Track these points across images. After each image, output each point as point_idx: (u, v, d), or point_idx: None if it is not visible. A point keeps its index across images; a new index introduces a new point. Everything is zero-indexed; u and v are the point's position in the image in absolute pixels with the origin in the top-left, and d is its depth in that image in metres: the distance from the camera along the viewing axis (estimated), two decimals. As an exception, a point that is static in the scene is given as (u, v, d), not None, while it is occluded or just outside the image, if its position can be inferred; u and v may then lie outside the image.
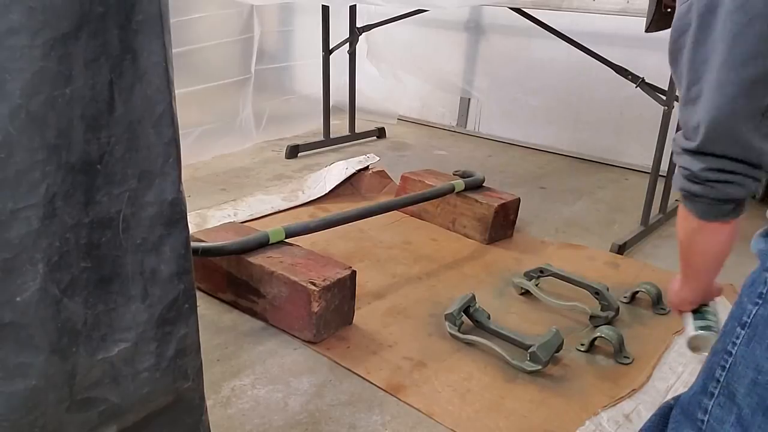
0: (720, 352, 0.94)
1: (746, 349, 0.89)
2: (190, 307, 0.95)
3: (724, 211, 1.19)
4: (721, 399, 0.93)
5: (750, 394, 0.88)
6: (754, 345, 0.89)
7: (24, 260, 0.74)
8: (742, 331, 0.90)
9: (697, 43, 1.10)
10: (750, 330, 0.89)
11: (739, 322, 0.91)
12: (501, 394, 1.69)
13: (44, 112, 0.72)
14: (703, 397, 0.95)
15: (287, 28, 4.13)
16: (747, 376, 0.89)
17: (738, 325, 0.91)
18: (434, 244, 2.58)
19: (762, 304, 0.88)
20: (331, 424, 1.57)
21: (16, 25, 0.68)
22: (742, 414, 0.89)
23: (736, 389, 0.90)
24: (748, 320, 0.90)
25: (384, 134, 4.13)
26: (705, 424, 0.95)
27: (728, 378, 0.92)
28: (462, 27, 4.21)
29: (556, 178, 3.43)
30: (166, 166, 0.86)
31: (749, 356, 0.89)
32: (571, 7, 2.76)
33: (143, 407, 0.92)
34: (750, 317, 0.90)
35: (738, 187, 1.15)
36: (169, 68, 0.84)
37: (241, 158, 3.56)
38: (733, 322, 0.93)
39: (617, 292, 2.19)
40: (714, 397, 0.94)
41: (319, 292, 1.81)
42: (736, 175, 1.14)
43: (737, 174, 1.14)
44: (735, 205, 1.18)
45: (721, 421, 0.92)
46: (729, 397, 0.92)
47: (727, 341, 0.93)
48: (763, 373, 0.87)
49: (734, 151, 1.14)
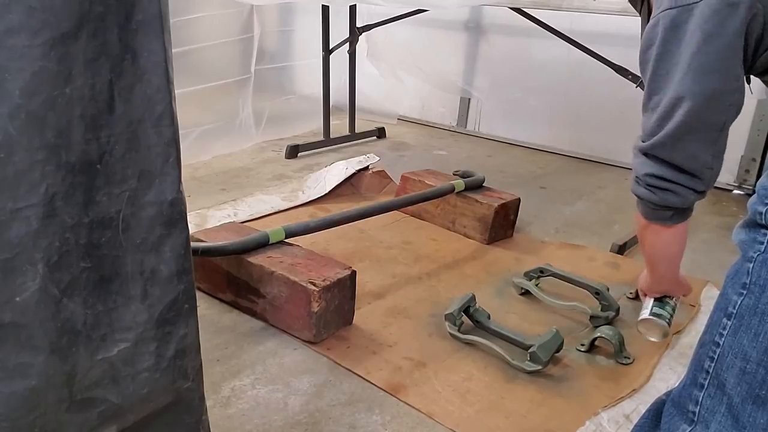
0: (708, 343, 0.95)
1: (733, 339, 0.91)
2: (190, 307, 0.95)
3: (664, 216, 1.28)
4: (711, 390, 0.94)
5: (739, 383, 0.90)
6: (740, 335, 0.90)
7: (24, 260, 0.74)
8: (729, 322, 0.92)
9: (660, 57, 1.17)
10: (736, 320, 0.91)
11: (725, 313, 0.93)
12: (501, 394, 1.69)
13: (44, 112, 0.72)
14: (693, 389, 0.97)
15: (287, 28, 4.13)
16: (735, 365, 0.90)
17: (724, 315, 0.93)
18: (434, 244, 2.58)
19: (746, 294, 0.90)
20: (331, 424, 1.57)
21: (16, 25, 0.68)
22: (732, 403, 0.91)
23: (725, 379, 0.92)
24: (734, 311, 0.91)
25: (384, 134, 4.13)
26: (697, 415, 0.96)
27: (717, 368, 0.93)
28: (462, 27, 4.21)
29: (556, 178, 3.43)
30: (166, 166, 0.86)
31: (737, 346, 0.91)
32: (571, 7, 2.77)
33: (143, 407, 0.92)
34: (735, 308, 0.91)
35: (676, 196, 1.23)
36: (169, 68, 0.84)
37: (241, 158, 3.56)
38: (719, 314, 0.94)
39: (617, 292, 2.19)
40: (704, 388, 0.95)
41: (319, 292, 1.81)
42: (676, 185, 1.22)
43: (677, 184, 1.21)
44: (674, 212, 1.27)
45: (712, 411, 0.94)
46: (719, 387, 0.93)
47: (714, 332, 0.94)
48: (750, 362, 0.89)
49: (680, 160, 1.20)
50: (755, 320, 0.88)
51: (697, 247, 2.59)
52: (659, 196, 1.24)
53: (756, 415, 0.89)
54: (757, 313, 0.88)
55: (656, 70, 1.19)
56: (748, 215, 0.93)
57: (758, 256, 0.89)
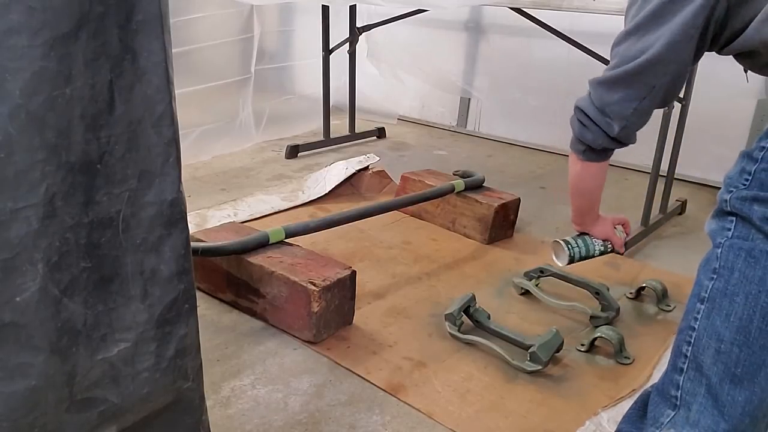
0: (685, 329, 0.99)
1: (707, 321, 0.95)
2: (190, 307, 0.95)
3: (578, 149, 1.46)
4: (690, 373, 0.97)
5: (715, 363, 0.94)
6: (713, 317, 0.94)
7: (24, 260, 0.74)
8: (702, 306, 0.96)
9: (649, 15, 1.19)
10: (708, 304, 0.95)
11: (698, 298, 0.97)
12: (501, 394, 1.69)
13: (44, 112, 0.72)
14: (674, 374, 1.00)
15: (287, 28, 4.13)
16: (711, 347, 0.94)
17: (698, 301, 0.97)
18: (434, 244, 2.58)
19: (716, 278, 0.94)
20: (331, 424, 1.57)
21: (16, 25, 0.68)
22: (711, 384, 0.94)
23: (702, 361, 0.95)
24: (706, 295, 0.96)
25: (384, 134, 4.13)
26: (679, 399, 0.99)
27: (694, 351, 0.97)
28: (462, 27, 4.20)
29: (556, 178, 3.43)
30: (166, 166, 0.86)
31: (710, 328, 0.95)
32: (571, 7, 2.76)
33: (143, 407, 0.92)
34: (707, 292, 0.95)
35: (590, 134, 1.38)
36: (169, 68, 0.84)
37: (241, 158, 3.56)
38: (693, 300, 0.98)
39: (617, 292, 2.19)
40: (684, 372, 0.98)
41: (319, 292, 1.80)
42: (593, 124, 1.36)
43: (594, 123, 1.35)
44: (586, 149, 1.43)
45: (693, 393, 0.97)
46: (697, 369, 0.96)
47: (689, 318, 0.98)
48: (724, 342, 0.93)
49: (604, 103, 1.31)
50: (726, 301, 0.92)
51: (696, 248, 2.59)
52: (578, 129, 1.41)
53: (734, 393, 0.92)
54: (727, 294, 0.92)
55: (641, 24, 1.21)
56: (716, 205, 0.98)
57: (725, 241, 0.94)
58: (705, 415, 0.94)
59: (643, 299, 2.21)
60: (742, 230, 0.92)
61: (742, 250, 0.91)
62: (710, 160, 3.30)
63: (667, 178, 2.83)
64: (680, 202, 3.01)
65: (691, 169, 3.33)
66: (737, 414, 0.92)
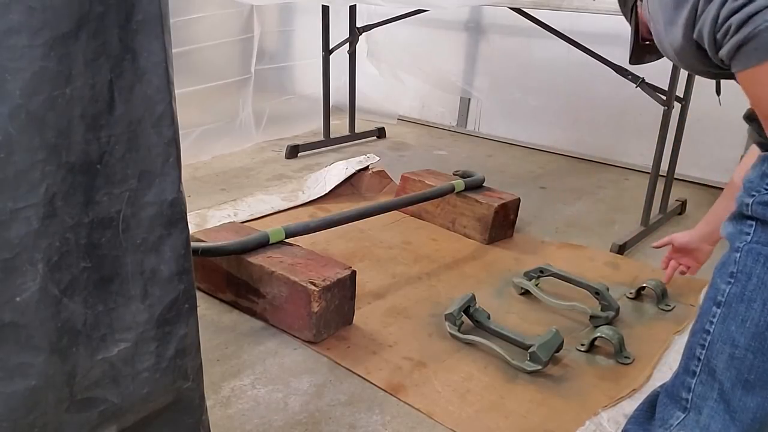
0: (699, 331, 0.98)
1: (722, 326, 0.94)
2: (190, 307, 0.95)
3: None
4: (702, 376, 0.97)
5: (729, 368, 0.93)
6: (729, 322, 0.93)
7: (24, 260, 0.74)
8: (718, 310, 0.95)
9: None
10: (725, 308, 0.94)
11: (714, 301, 0.96)
12: (501, 394, 1.69)
13: (44, 112, 0.72)
14: (686, 377, 0.99)
15: (287, 28, 4.13)
16: (725, 351, 0.94)
17: (713, 304, 0.96)
18: (434, 244, 2.58)
19: (734, 282, 0.93)
20: (331, 424, 1.57)
21: (16, 25, 0.68)
22: (723, 389, 0.94)
23: (715, 365, 0.95)
24: (722, 299, 0.95)
25: (384, 134, 4.13)
26: (689, 402, 0.98)
27: (708, 355, 0.96)
28: (462, 27, 4.20)
29: (556, 178, 3.43)
30: (166, 166, 0.86)
31: (725, 333, 0.94)
32: (571, 7, 2.76)
33: (143, 407, 0.92)
34: (724, 296, 0.94)
35: None
36: (169, 68, 0.84)
37: (241, 158, 3.56)
38: (708, 303, 0.97)
39: (617, 292, 2.19)
40: (696, 375, 0.98)
41: (319, 292, 1.81)
42: None
43: None
44: None
45: (704, 397, 0.96)
46: (710, 373, 0.96)
47: (704, 321, 0.97)
48: (739, 347, 0.92)
49: None
50: (742, 307, 0.92)
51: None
52: None
53: (746, 399, 0.92)
54: (744, 300, 0.91)
55: None
56: (735, 209, 0.96)
57: (744, 246, 0.93)
58: (716, 420, 0.94)
59: (643, 299, 2.21)
60: (761, 235, 0.91)
61: (761, 256, 0.90)
62: (710, 160, 3.30)
63: (667, 178, 2.83)
64: (680, 202, 3.01)
65: (691, 169, 3.33)
66: (748, 420, 0.92)
